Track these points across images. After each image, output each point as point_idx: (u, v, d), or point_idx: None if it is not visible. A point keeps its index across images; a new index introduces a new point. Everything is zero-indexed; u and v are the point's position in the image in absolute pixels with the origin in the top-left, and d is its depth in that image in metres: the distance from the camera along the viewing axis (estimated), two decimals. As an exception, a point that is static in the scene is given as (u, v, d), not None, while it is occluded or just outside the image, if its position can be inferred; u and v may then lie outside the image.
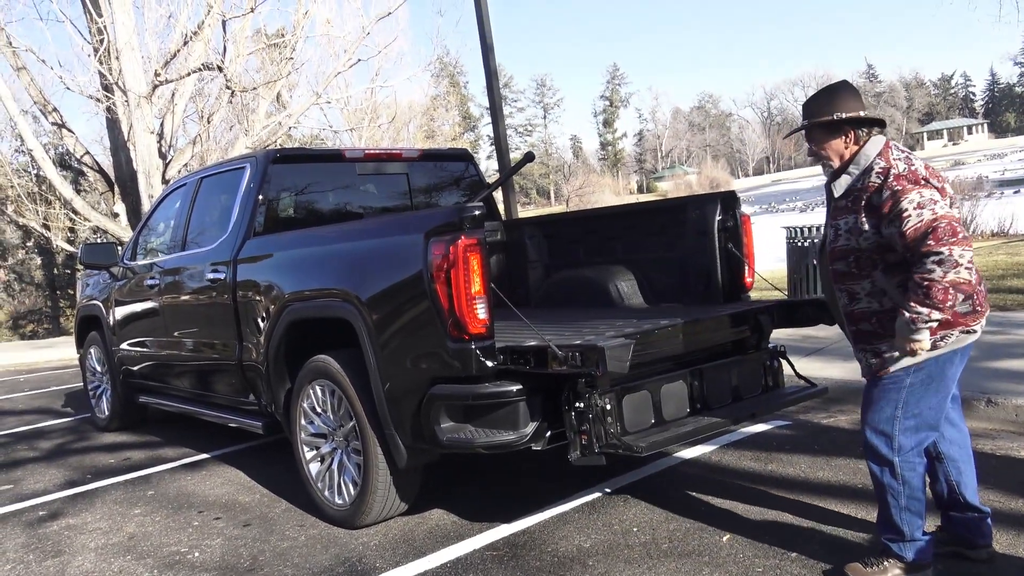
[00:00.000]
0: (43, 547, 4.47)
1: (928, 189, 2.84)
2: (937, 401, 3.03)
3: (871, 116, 3.08)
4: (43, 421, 8.22)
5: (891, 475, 3.03)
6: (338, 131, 24.83)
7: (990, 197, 18.70)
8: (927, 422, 3.03)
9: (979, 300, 2.96)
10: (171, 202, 6.39)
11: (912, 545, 3.07)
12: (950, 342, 2.94)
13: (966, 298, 2.90)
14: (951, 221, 2.76)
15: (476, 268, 3.48)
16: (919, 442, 3.03)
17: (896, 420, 3.01)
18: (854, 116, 3.06)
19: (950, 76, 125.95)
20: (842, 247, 3.05)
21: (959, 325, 2.93)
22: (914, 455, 3.02)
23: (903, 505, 3.03)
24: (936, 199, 2.81)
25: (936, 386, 3.01)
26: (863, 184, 2.99)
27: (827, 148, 3.13)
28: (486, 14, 9.87)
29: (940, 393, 3.03)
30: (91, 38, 14.43)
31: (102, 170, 16.97)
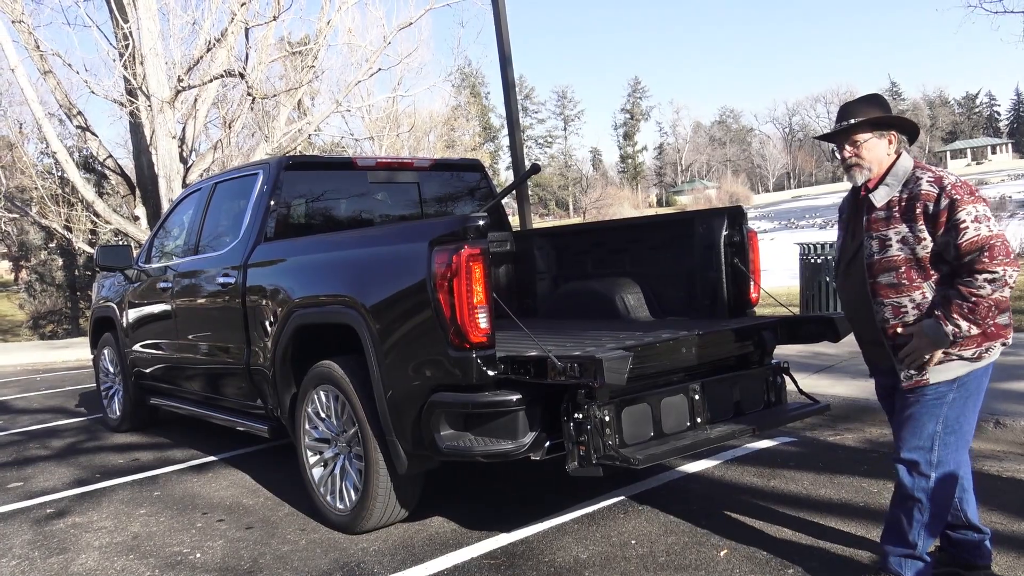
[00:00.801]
0: (48, 544, 4.52)
1: (983, 204, 2.84)
2: (975, 417, 3.05)
3: (912, 122, 3.11)
4: (56, 420, 8.32)
5: (924, 490, 2.99)
6: (359, 139, 25.04)
7: (1012, 217, 18.54)
8: (966, 439, 3.03)
9: (1011, 313, 3.01)
10: (186, 206, 6.47)
11: (915, 563, 3.06)
12: (991, 354, 2.95)
13: (1002, 312, 2.92)
14: (1005, 240, 2.80)
15: (479, 278, 3.51)
16: (958, 460, 3.02)
17: (937, 436, 2.99)
18: (903, 119, 3.07)
19: (975, 95, 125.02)
20: (892, 258, 2.97)
21: (1000, 337, 2.96)
22: (951, 472, 3.00)
23: (926, 520, 3.02)
24: (990, 215, 2.83)
25: (975, 401, 3.03)
26: (911, 192, 2.94)
27: (869, 152, 3.05)
28: (505, 26, 9.95)
29: (977, 409, 3.05)
30: (116, 43, 14.64)
31: (124, 173, 17.17)
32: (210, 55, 14.08)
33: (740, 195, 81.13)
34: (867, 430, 5.53)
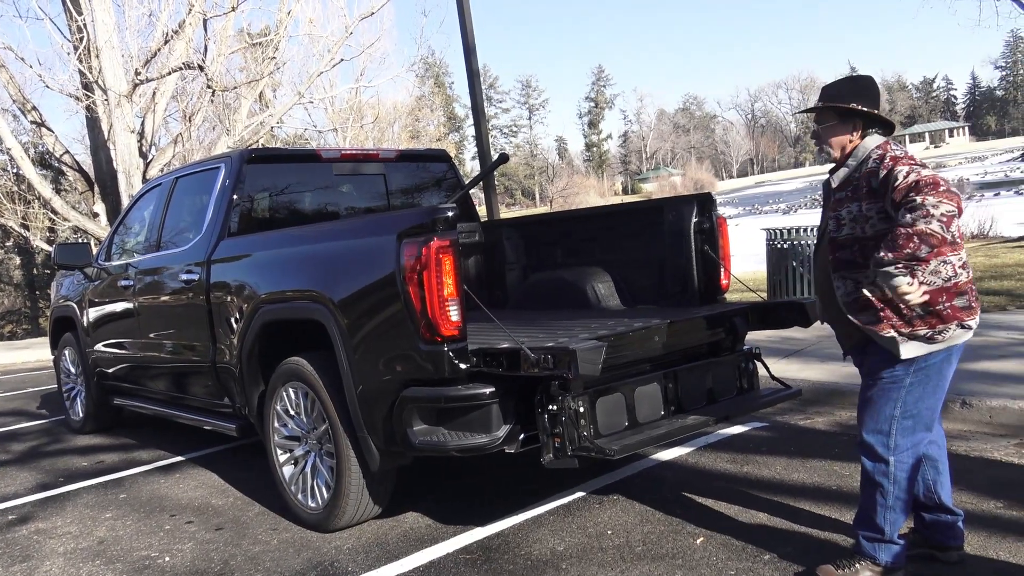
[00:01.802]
0: (11, 552, 4.40)
1: (924, 169, 2.86)
2: (934, 401, 3.05)
3: (884, 117, 3.10)
4: (17, 423, 8.12)
5: (884, 474, 3.03)
6: (322, 131, 24.77)
7: (971, 200, 18.85)
8: (924, 422, 3.04)
9: (972, 296, 2.98)
10: (146, 202, 6.33)
11: (888, 547, 3.07)
12: (948, 336, 2.94)
13: (960, 293, 2.91)
14: (934, 177, 2.78)
15: (448, 270, 3.46)
16: (915, 443, 3.04)
17: (895, 419, 3.02)
18: (870, 112, 3.08)
19: (932, 79, 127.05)
20: (846, 236, 3.04)
21: (955, 319, 2.93)
22: (909, 455, 3.03)
23: (889, 504, 3.04)
24: (925, 170, 2.83)
25: (934, 386, 3.03)
26: (861, 172, 3.02)
27: (832, 135, 3.13)
28: (468, 15, 9.87)
29: (937, 394, 3.05)
30: (71, 36, 14.33)
31: (82, 169, 16.83)
32: (168, 47, 13.81)
33: (704, 182, 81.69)
34: (837, 413, 5.57)
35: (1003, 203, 24.01)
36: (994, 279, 10.06)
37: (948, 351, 3.00)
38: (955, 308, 2.92)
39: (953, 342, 2.97)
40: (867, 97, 3.12)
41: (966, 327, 2.98)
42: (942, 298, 2.89)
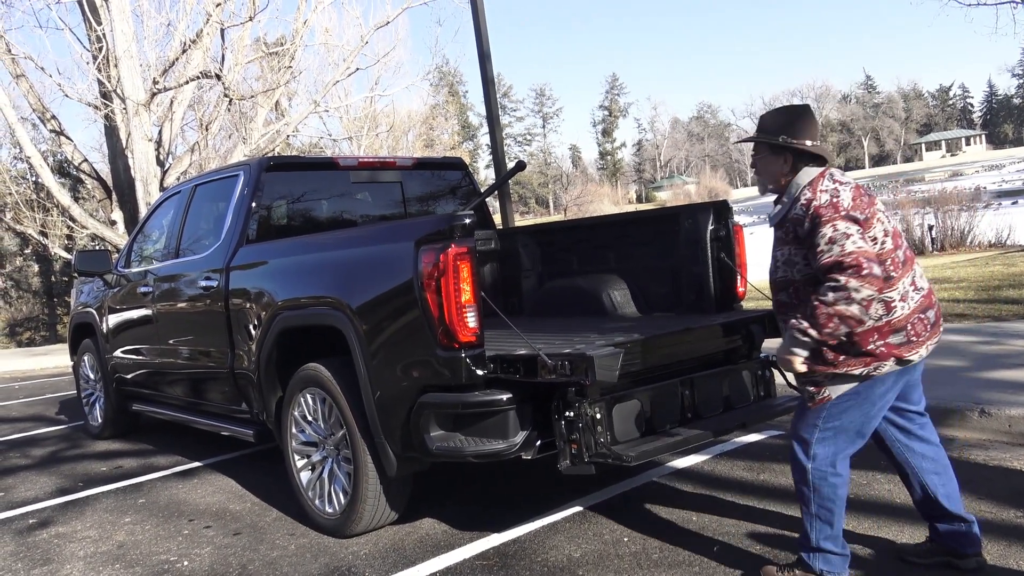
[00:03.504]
0: (32, 555, 4.45)
1: (845, 222, 2.82)
2: (861, 415, 3.03)
3: (813, 151, 3.02)
4: (37, 429, 8.20)
5: (803, 481, 3.09)
6: (337, 139, 24.88)
7: (987, 208, 18.67)
8: (846, 433, 3.04)
9: (915, 331, 2.93)
10: (165, 210, 6.39)
11: (820, 556, 3.10)
12: (885, 371, 2.94)
13: (896, 330, 2.90)
14: (859, 256, 2.76)
15: (466, 276, 3.47)
16: (835, 452, 3.05)
17: (816, 428, 3.05)
18: (798, 146, 3.02)
19: (948, 87, 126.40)
20: (781, 279, 3.07)
21: (890, 357, 2.92)
22: (827, 464, 3.05)
23: (813, 512, 3.08)
24: (850, 233, 2.80)
25: (861, 402, 3.02)
26: (790, 215, 3.01)
27: (765, 168, 3.14)
28: (483, 23, 9.91)
29: (864, 408, 3.02)
30: (90, 46, 14.47)
31: (100, 177, 16.98)
32: (185, 57, 13.95)
33: (719, 190, 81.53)
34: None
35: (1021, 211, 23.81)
36: (1012, 288, 9.98)
37: (887, 376, 2.98)
38: (889, 346, 2.90)
39: (894, 371, 2.96)
40: (797, 129, 3.05)
41: (906, 361, 2.95)
42: (873, 337, 2.89)
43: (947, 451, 4.70)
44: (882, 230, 2.91)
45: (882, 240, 2.90)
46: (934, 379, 5.87)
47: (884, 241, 2.90)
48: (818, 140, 3.05)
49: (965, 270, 12.35)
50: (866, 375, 2.93)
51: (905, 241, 3.00)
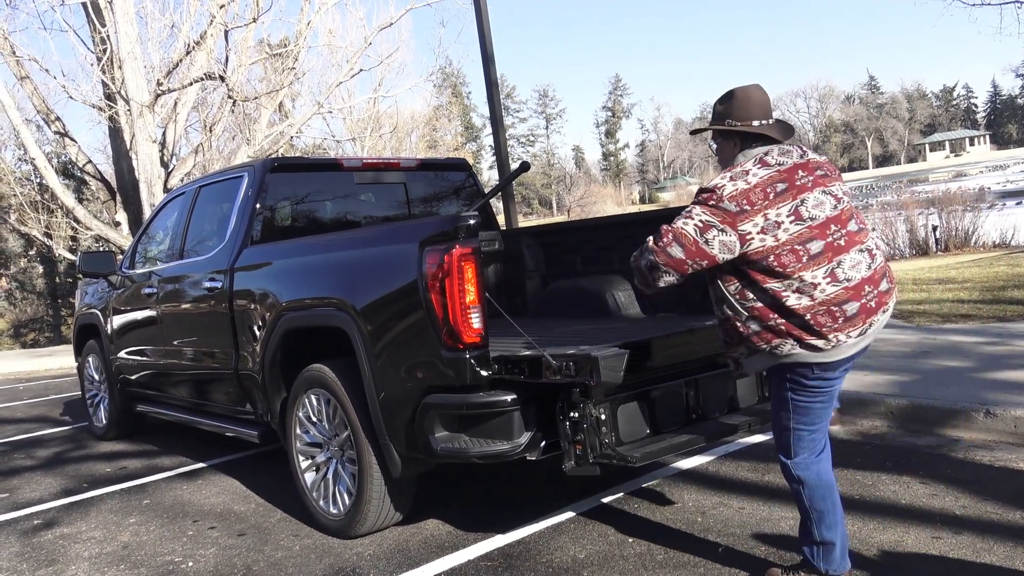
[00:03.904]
0: (37, 556, 4.45)
1: (703, 208, 2.88)
2: (806, 406, 3.05)
3: (759, 131, 3.01)
4: (41, 430, 8.21)
5: (789, 479, 3.16)
6: (340, 141, 24.90)
7: (992, 208, 18.64)
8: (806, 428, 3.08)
9: (816, 321, 2.83)
10: (170, 211, 6.40)
11: (820, 552, 3.10)
12: (786, 350, 2.90)
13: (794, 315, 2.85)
14: (675, 230, 2.90)
15: (471, 277, 3.47)
16: (808, 448, 3.10)
17: (788, 428, 3.11)
18: (743, 128, 3.03)
19: (952, 87, 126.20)
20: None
21: (790, 337, 2.88)
22: (806, 460, 3.10)
23: (806, 507, 3.10)
24: (696, 216, 2.87)
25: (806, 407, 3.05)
26: None
27: (722, 153, 3.15)
28: (487, 24, 9.91)
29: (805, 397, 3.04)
30: (94, 47, 14.50)
31: (104, 179, 17.02)
32: (189, 58, 13.97)
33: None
34: (859, 422, 5.54)
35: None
36: (1017, 288, 9.96)
37: (806, 370, 2.95)
38: (788, 325, 2.87)
39: (803, 359, 2.92)
40: (742, 110, 3.03)
41: (810, 346, 2.88)
42: (771, 314, 2.88)
43: (952, 452, 4.73)
44: (774, 222, 2.84)
45: (772, 231, 2.83)
46: (939, 380, 5.86)
47: (776, 233, 2.83)
48: (767, 119, 3.03)
49: (969, 271, 12.33)
50: (770, 350, 2.93)
51: (838, 234, 2.87)
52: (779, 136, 3.02)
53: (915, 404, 5.41)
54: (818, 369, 2.95)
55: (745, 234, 2.84)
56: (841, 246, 2.87)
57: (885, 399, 5.58)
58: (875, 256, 2.94)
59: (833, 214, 2.90)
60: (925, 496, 4.09)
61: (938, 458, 4.67)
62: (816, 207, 2.88)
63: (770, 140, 3.02)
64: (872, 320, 2.90)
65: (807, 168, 2.96)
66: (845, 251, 2.86)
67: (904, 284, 11.61)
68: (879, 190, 42.32)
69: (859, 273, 2.86)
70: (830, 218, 2.89)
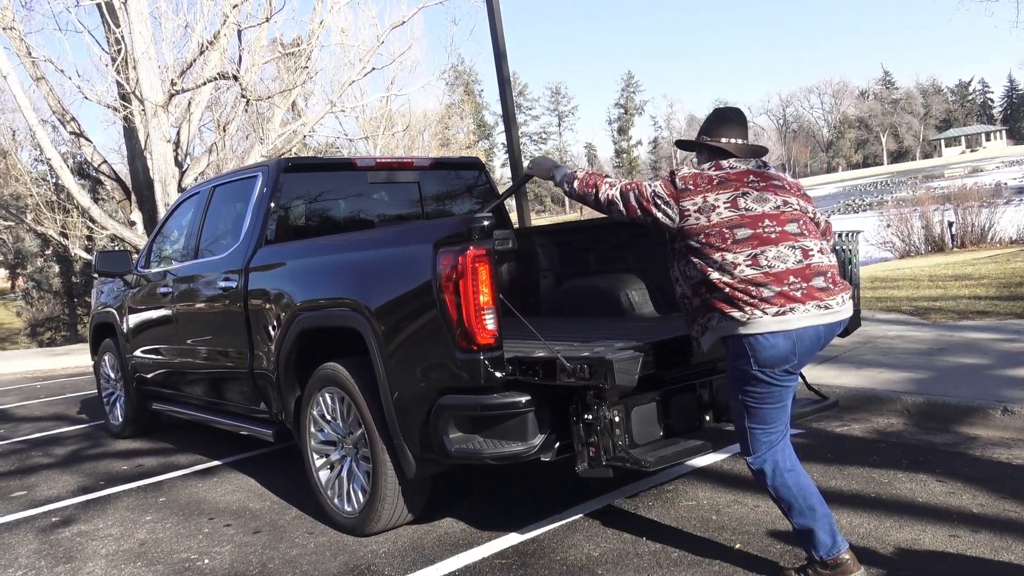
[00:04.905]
0: (54, 553, 4.49)
1: (660, 183, 3.29)
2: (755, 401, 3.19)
3: (725, 147, 3.30)
4: (58, 428, 8.28)
5: (761, 479, 3.30)
6: (353, 139, 24.97)
7: (1008, 204, 18.51)
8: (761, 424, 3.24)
9: (735, 295, 3.07)
10: (184, 210, 6.43)
11: (812, 541, 3.17)
12: (715, 323, 3.15)
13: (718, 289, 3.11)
14: (639, 187, 3.32)
15: (485, 278, 3.46)
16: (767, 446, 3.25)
17: (746, 431, 3.28)
18: (712, 143, 3.34)
19: (968, 82, 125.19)
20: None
21: (716, 310, 3.12)
22: (770, 460, 3.25)
23: (786, 502, 3.22)
24: (655, 186, 3.28)
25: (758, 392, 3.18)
26: None
27: (700, 164, 3.41)
28: (499, 22, 9.91)
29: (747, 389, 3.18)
30: (109, 48, 14.59)
31: (119, 179, 17.12)
32: (203, 58, 14.02)
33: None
34: (874, 420, 5.51)
35: (1042, 207, 23.55)
36: (1034, 285, 9.88)
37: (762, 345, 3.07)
38: (714, 299, 3.12)
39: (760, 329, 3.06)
40: (714, 129, 3.37)
41: (731, 319, 3.08)
42: (703, 288, 3.16)
43: (970, 450, 4.70)
44: (710, 205, 3.15)
45: (707, 213, 3.15)
46: (955, 377, 5.82)
47: (710, 215, 3.14)
48: (737, 139, 3.34)
49: (986, 267, 12.24)
50: (706, 324, 3.19)
51: (770, 228, 3.12)
52: (741, 155, 3.32)
53: (932, 401, 5.38)
54: (756, 364, 3.09)
55: (684, 210, 3.19)
56: (770, 238, 3.10)
57: (901, 396, 5.55)
58: (811, 256, 3.13)
59: (771, 212, 3.15)
60: (942, 494, 4.07)
61: (955, 456, 4.64)
62: (756, 203, 3.15)
63: (731, 156, 3.34)
64: (794, 307, 3.05)
65: (761, 176, 3.24)
66: (773, 244, 3.10)
67: (920, 281, 11.53)
68: (894, 186, 42.06)
69: (783, 264, 3.08)
70: (766, 214, 3.14)
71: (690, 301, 3.28)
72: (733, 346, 3.15)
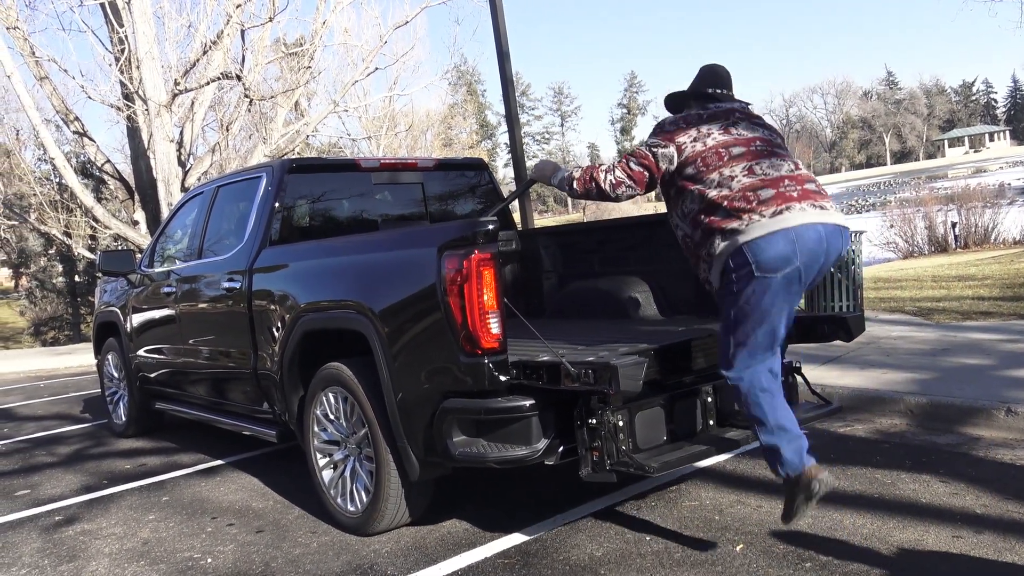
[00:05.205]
0: (58, 552, 4.50)
1: (651, 138, 3.49)
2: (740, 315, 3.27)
3: (712, 95, 3.61)
4: (61, 427, 8.29)
5: (735, 396, 3.43)
6: (356, 139, 25.01)
7: (1012, 204, 18.47)
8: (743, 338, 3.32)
9: (733, 206, 3.23)
10: (188, 210, 6.44)
11: (773, 455, 3.33)
12: (719, 248, 3.27)
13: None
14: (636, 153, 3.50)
15: (489, 282, 3.45)
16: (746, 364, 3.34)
17: (728, 346, 3.38)
18: (701, 93, 3.65)
19: (971, 83, 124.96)
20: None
21: (718, 232, 3.27)
22: (747, 377, 3.32)
23: (754, 415, 3.32)
24: (648, 144, 3.47)
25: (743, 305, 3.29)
26: None
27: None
28: (502, 22, 9.90)
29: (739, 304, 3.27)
30: (112, 48, 14.61)
31: (123, 178, 17.13)
32: (206, 58, 14.04)
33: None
34: (877, 420, 5.51)
35: (1046, 208, 23.50)
36: (1037, 285, 9.88)
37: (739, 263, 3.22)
38: (713, 219, 3.29)
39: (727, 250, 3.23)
40: (700, 80, 3.70)
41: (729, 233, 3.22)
42: (701, 216, 3.34)
43: (973, 451, 4.70)
44: (704, 133, 3.40)
45: (703, 139, 3.39)
46: (959, 377, 5.82)
47: (705, 140, 3.38)
48: (723, 89, 3.65)
49: (989, 267, 12.23)
50: (709, 253, 3.32)
51: (759, 144, 3.38)
52: (722, 99, 3.62)
53: (935, 402, 5.37)
54: (758, 269, 3.16)
55: (680, 145, 3.39)
56: (763, 152, 3.35)
57: (904, 397, 5.54)
58: (800, 168, 3.37)
59: (762, 136, 3.43)
60: (945, 495, 4.07)
61: (958, 457, 4.64)
62: (746, 129, 3.43)
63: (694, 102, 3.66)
64: (791, 205, 3.18)
65: (746, 114, 3.55)
66: (766, 156, 3.34)
67: (923, 281, 11.53)
68: (897, 187, 41.98)
69: (777, 171, 3.29)
70: (757, 137, 3.42)
71: (691, 238, 3.40)
72: (735, 261, 3.21)
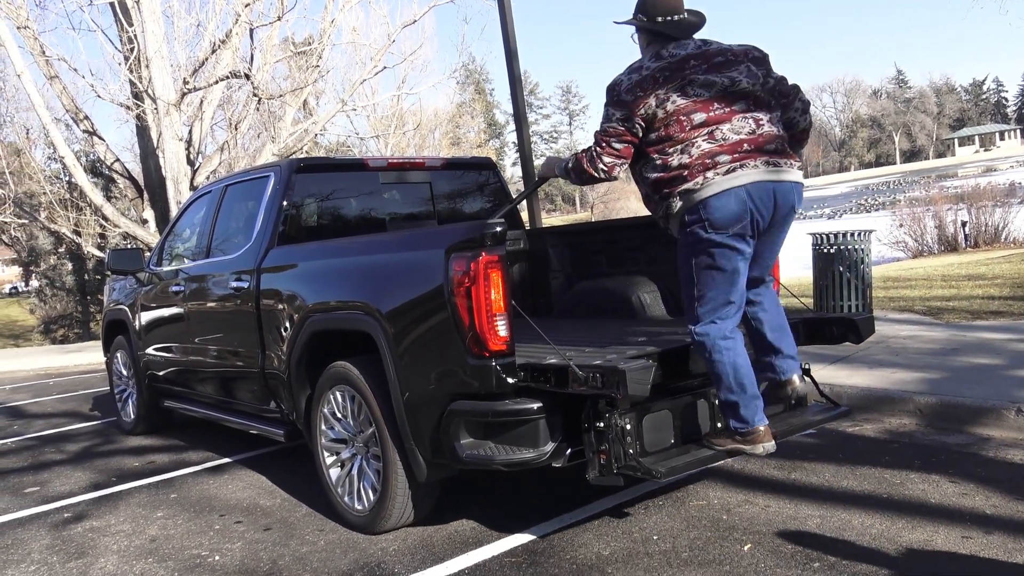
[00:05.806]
0: (67, 549, 4.52)
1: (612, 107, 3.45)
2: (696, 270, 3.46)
3: (660, 29, 3.48)
4: (70, 424, 8.33)
5: (700, 350, 3.55)
6: (364, 138, 25.02)
7: (1022, 204, 18.37)
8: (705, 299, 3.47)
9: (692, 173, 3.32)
10: (196, 209, 6.45)
11: (729, 411, 3.52)
12: (676, 208, 3.40)
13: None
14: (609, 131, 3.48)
15: (497, 284, 3.44)
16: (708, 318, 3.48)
17: (692, 300, 3.54)
18: (649, 26, 3.51)
19: (982, 81, 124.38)
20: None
21: (675, 195, 3.40)
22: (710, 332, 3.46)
23: (715, 372, 3.46)
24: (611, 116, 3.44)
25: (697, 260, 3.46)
26: None
27: (641, 49, 3.62)
28: (510, 21, 9.89)
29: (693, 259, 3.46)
30: (122, 47, 14.66)
31: (132, 177, 17.20)
32: (215, 57, 14.08)
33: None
34: (886, 420, 5.49)
35: (1056, 207, 23.36)
36: (1048, 285, 9.82)
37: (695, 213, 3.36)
38: (672, 185, 3.40)
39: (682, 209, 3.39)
40: (649, 6, 3.50)
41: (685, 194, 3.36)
42: (663, 181, 3.43)
43: (983, 451, 4.68)
44: (664, 98, 3.35)
45: (663, 104, 3.35)
46: (969, 377, 5.79)
47: (666, 106, 3.35)
48: (672, 15, 3.47)
49: (1000, 267, 12.16)
50: (667, 212, 3.47)
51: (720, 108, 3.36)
52: (676, 34, 3.47)
53: (944, 402, 5.35)
54: (710, 227, 3.31)
55: (643, 115, 3.38)
56: (723, 116, 3.34)
57: (914, 396, 5.52)
58: (762, 125, 3.38)
59: (718, 95, 3.36)
60: (955, 495, 4.05)
61: (968, 457, 4.62)
62: (703, 87, 3.35)
63: (667, 38, 3.48)
64: (744, 163, 3.29)
65: (702, 58, 3.40)
66: (727, 120, 3.34)
67: (933, 280, 11.47)
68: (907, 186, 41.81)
69: (737, 135, 3.33)
70: (714, 97, 3.35)
71: (651, 198, 3.53)
72: (690, 217, 3.35)
